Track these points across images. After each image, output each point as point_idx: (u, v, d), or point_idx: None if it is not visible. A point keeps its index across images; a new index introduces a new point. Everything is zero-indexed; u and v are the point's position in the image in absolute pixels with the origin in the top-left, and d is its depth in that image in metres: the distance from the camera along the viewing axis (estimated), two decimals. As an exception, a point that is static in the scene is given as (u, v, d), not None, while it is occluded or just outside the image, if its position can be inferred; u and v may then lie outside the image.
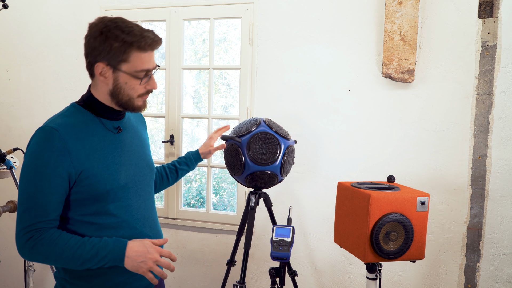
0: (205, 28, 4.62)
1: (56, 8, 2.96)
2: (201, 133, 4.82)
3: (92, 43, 1.25)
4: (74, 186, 1.24)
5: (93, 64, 1.26)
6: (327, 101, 2.47)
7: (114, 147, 1.32)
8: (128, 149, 1.37)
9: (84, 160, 1.23)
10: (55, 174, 1.19)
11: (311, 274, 2.56)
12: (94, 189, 1.25)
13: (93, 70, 1.27)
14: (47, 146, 1.19)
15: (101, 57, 1.23)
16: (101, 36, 1.23)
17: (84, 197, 1.25)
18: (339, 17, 2.42)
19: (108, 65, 1.24)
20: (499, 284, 2.24)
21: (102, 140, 1.29)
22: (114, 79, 1.26)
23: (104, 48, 1.22)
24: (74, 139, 1.23)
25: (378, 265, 1.73)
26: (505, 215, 2.21)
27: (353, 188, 1.74)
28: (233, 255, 2.20)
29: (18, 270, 3.13)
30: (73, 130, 1.24)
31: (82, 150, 1.23)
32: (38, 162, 1.19)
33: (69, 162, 1.21)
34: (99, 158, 1.27)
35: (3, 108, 3.14)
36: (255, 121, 2.07)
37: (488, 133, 2.21)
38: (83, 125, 1.28)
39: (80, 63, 2.93)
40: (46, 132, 1.21)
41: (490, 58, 2.18)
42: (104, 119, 1.33)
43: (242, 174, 2.02)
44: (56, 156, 1.19)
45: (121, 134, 1.36)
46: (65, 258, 1.20)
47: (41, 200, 1.19)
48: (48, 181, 1.19)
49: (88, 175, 1.23)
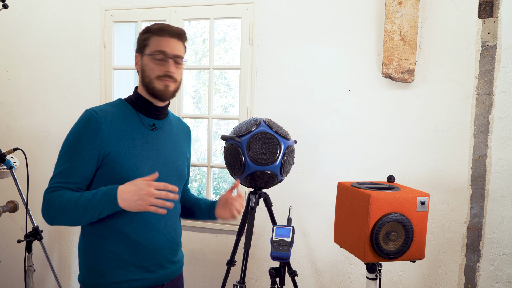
0: (205, 28, 4.62)
1: (56, 8, 2.96)
2: (201, 133, 4.83)
3: None
4: (101, 167, 1.37)
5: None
6: (327, 101, 2.47)
7: (145, 141, 1.44)
8: (159, 147, 1.48)
9: (114, 143, 1.37)
10: (85, 149, 1.34)
11: (311, 274, 2.56)
12: (116, 172, 1.36)
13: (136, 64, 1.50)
14: (84, 124, 1.36)
15: (136, 50, 1.50)
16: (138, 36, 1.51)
17: (108, 178, 1.36)
18: (339, 17, 2.42)
19: (137, 53, 1.48)
20: (499, 284, 2.24)
21: (135, 132, 1.42)
22: (142, 64, 1.46)
23: (138, 42, 1.49)
24: (109, 124, 1.38)
25: (378, 265, 1.73)
26: (505, 215, 2.21)
27: (353, 188, 1.74)
28: (233, 255, 2.20)
29: (18, 270, 3.13)
30: (110, 116, 1.40)
31: (114, 135, 1.37)
32: (73, 137, 1.37)
33: (99, 142, 1.35)
34: (127, 146, 1.39)
35: (3, 108, 3.14)
36: (255, 121, 2.07)
37: (488, 133, 2.21)
38: (121, 115, 1.43)
39: (80, 63, 2.93)
40: (87, 113, 1.38)
41: (490, 58, 2.18)
42: (142, 114, 1.47)
43: (242, 174, 2.02)
44: (90, 134, 1.35)
45: (155, 132, 1.48)
46: (69, 209, 1.30)
47: (67, 170, 1.34)
48: (78, 153, 1.34)
49: (113, 158, 1.36)
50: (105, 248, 1.39)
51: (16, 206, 2.34)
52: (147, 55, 1.44)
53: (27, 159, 2.28)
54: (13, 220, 3.14)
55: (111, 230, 1.39)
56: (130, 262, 1.40)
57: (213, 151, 2.84)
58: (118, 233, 1.39)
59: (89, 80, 2.92)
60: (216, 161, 3.03)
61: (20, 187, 2.30)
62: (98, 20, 2.87)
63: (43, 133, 3.05)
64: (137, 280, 1.41)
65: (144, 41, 1.45)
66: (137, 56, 1.48)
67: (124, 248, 1.39)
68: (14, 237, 3.12)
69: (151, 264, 1.43)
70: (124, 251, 1.39)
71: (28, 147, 3.05)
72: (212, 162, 2.78)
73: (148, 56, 1.44)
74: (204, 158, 4.60)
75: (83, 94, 2.94)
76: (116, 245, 1.39)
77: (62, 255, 3.07)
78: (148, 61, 1.44)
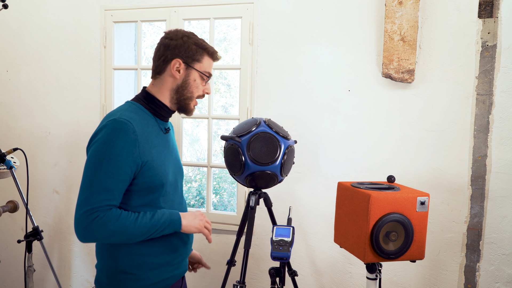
0: (205, 28, 4.62)
1: (56, 8, 2.96)
2: (202, 133, 4.83)
3: (172, 43, 1.44)
4: (137, 177, 1.35)
5: (169, 60, 1.44)
6: (327, 101, 2.47)
7: (164, 145, 1.46)
8: (171, 149, 1.52)
9: (148, 152, 1.36)
10: (126, 162, 1.30)
11: (311, 274, 2.56)
12: (152, 181, 1.37)
13: (167, 65, 1.44)
14: (122, 136, 1.30)
15: (180, 54, 1.43)
16: (182, 39, 1.44)
17: (142, 188, 1.37)
18: (339, 17, 2.42)
19: (184, 62, 1.44)
20: (499, 284, 2.24)
21: (158, 137, 1.43)
22: (186, 75, 1.45)
23: (184, 48, 1.43)
24: (141, 133, 1.35)
25: (378, 265, 1.73)
26: (505, 215, 2.21)
27: (353, 188, 1.74)
28: (233, 255, 2.20)
29: (18, 270, 3.13)
30: (139, 124, 1.36)
31: (146, 144, 1.36)
32: (113, 150, 1.29)
33: (137, 153, 1.33)
34: (157, 153, 1.40)
35: (3, 108, 3.14)
36: (255, 121, 2.07)
37: (488, 133, 2.21)
38: (145, 121, 1.41)
39: (80, 63, 2.93)
40: (122, 123, 1.31)
41: (490, 58, 2.18)
42: (159, 118, 1.48)
43: (242, 174, 2.02)
44: (129, 146, 1.31)
45: (168, 135, 1.52)
46: (130, 231, 1.31)
47: (110, 185, 1.29)
48: (120, 168, 1.29)
49: (149, 167, 1.36)
50: (139, 253, 1.41)
51: (16, 206, 2.34)
52: (197, 71, 1.45)
53: (27, 159, 2.28)
54: (13, 220, 3.14)
55: None
56: (164, 262, 1.45)
57: (213, 151, 2.84)
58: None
59: (89, 80, 2.92)
60: (216, 161, 3.04)
61: (20, 187, 2.30)
62: (98, 20, 2.87)
63: (43, 133, 3.05)
64: (169, 278, 1.48)
65: (197, 54, 1.44)
66: (180, 63, 1.44)
67: (158, 250, 1.43)
68: (14, 237, 3.12)
69: (180, 260, 1.52)
70: (158, 252, 1.43)
71: (28, 147, 3.05)
72: (212, 162, 2.78)
73: (198, 73, 1.45)
74: (204, 158, 4.59)
75: (83, 94, 2.94)
76: (149, 248, 1.41)
77: (62, 255, 3.07)
78: (197, 77, 1.46)
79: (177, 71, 1.44)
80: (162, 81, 1.46)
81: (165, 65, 1.44)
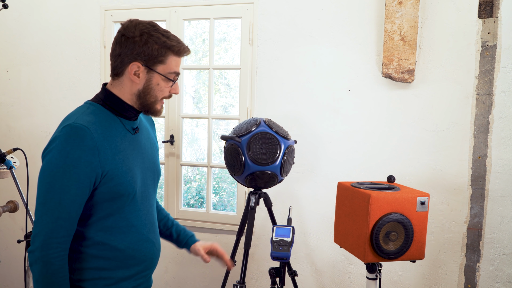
0: (205, 28, 4.62)
1: (56, 8, 2.96)
2: (201, 133, 4.82)
3: (129, 43, 1.23)
4: (98, 187, 1.20)
5: (127, 63, 1.24)
6: (327, 101, 2.47)
7: (132, 149, 1.30)
8: (143, 151, 1.35)
9: (110, 160, 1.21)
10: (84, 174, 1.15)
11: (311, 274, 2.56)
12: (115, 191, 1.22)
13: (125, 69, 1.25)
14: (78, 144, 1.15)
15: (140, 57, 1.23)
16: (141, 37, 1.23)
17: (104, 198, 1.23)
18: (339, 17, 2.42)
19: (144, 65, 1.24)
20: (499, 284, 2.24)
21: (123, 141, 1.27)
22: (147, 79, 1.26)
23: (144, 49, 1.23)
24: (102, 138, 1.20)
25: (378, 265, 1.73)
26: (505, 215, 2.21)
27: (353, 188, 1.74)
28: (233, 255, 2.20)
29: (18, 270, 3.13)
30: (100, 128, 1.21)
31: (108, 150, 1.21)
32: (67, 161, 1.14)
33: (97, 162, 1.17)
34: (122, 159, 1.24)
35: (3, 108, 3.14)
36: (255, 121, 2.07)
37: (488, 133, 2.21)
38: (107, 123, 1.24)
39: (80, 63, 2.93)
40: (77, 129, 1.16)
41: (490, 58, 2.18)
42: (124, 118, 1.30)
43: (242, 174, 2.02)
44: (87, 155, 1.15)
45: (137, 135, 1.34)
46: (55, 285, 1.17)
47: (66, 201, 1.15)
48: (76, 181, 1.15)
49: (112, 176, 1.21)
50: (94, 267, 1.26)
51: (16, 206, 2.34)
52: (159, 74, 1.26)
53: (27, 159, 2.28)
54: (13, 220, 3.14)
55: (103, 248, 1.26)
56: (123, 278, 1.30)
57: (213, 151, 2.84)
58: (111, 250, 1.27)
59: (89, 80, 2.92)
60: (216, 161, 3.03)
61: (20, 187, 2.30)
62: (98, 20, 2.87)
63: (43, 133, 3.05)
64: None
65: (159, 55, 1.24)
66: (139, 66, 1.24)
67: (117, 264, 1.28)
68: (14, 237, 3.12)
69: (141, 276, 1.36)
70: (116, 266, 1.29)
71: (28, 147, 3.05)
72: (212, 162, 2.78)
73: (160, 76, 1.26)
74: (204, 158, 4.59)
75: (83, 94, 2.94)
76: (105, 261, 1.27)
77: (62, 255, 3.07)
78: (160, 80, 1.26)
79: (136, 75, 1.25)
80: (122, 83, 1.28)
81: (123, 68, 1.26)
